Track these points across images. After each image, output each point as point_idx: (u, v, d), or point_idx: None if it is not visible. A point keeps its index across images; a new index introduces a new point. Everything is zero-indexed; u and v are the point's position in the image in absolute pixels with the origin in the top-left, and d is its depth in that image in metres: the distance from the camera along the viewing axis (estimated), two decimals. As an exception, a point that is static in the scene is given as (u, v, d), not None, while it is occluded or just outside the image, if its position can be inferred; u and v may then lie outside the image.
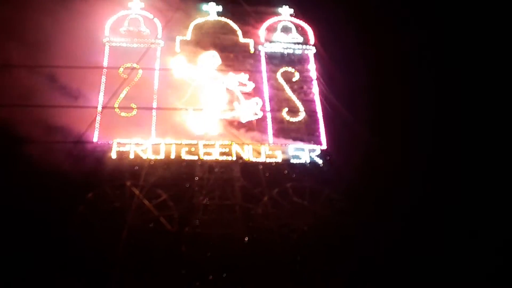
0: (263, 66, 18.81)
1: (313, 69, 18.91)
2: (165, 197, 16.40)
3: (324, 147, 17.64)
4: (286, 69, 18.85)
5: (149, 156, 16.54)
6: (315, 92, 18.50)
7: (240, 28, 19.17)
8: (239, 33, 19.14)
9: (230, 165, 17.04)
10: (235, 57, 18.71)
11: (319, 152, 17.52)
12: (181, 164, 16.78)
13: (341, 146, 17.92)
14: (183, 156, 16.71)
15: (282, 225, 16.54)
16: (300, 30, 19.56)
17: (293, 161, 17.32)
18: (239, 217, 16.53)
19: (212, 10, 19.29)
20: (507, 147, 19.12)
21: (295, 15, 19.84)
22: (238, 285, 15.46)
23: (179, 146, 16.78)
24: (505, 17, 20.78)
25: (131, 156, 16.46)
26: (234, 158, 16.96)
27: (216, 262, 15.69)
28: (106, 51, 17.83)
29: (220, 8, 19.31)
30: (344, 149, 17.86)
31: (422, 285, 16.09)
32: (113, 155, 16.38)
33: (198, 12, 19.16)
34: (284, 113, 18.10)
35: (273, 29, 19.47)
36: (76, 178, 15.72)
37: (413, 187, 17.73)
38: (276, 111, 18.06)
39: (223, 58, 18.48)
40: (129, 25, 18.38)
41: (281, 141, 17.61)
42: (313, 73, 18.83)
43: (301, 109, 18.21)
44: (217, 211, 16.53)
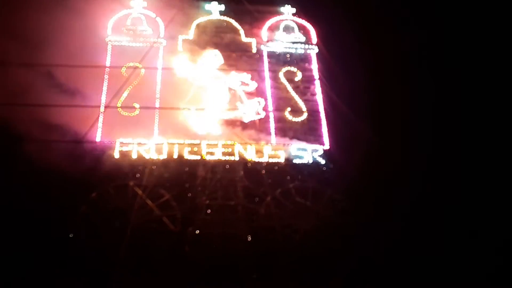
0: (266, 65, 18.77)
1: (315, 68, 18.90)
2: (168, 197, 16.41)
3: (326, 147, 17.63)
4: (288, 68, 18.84)
5: (152, 156, 16.49)
6: (317, 91, 18.50)
7: (242, 27, 19.11)
8: (242, 32, 19.09)
9: (232, 165, 17.04)
10: (237, 57, 18.66)
11: (321, 152, 17.52)
12: (184, 164, 16.75)
13: (343, 145, 17.93)
14: (186, 156, 16.67)
15: (285, 226, 16.59)
16: (302, 29, 19.54)
17: (295, 161, 17.32)
18: (242, 217, 16.58)
19: (214, 9, 19.24)
20: (507, 147, 19.19)
21: (297, 14, 19.81)
22: (241, 285, 15.50)
23: (181, 146, 16.75)
24: (505, 17, 20.84)
25: (134, 156, 16.40)
26: (237, 158, 16.95)
27: (218, 262, 15.70)
28: (108, 50, 17.76)
29: (222, 7, 19.26)
30: (346, 149, 17.87)
31: (422, 285, 16.18)
32: (116, 155, 16.32)
33: (200, 11, 19.09)
34: (286, 112, 18.10)
35: (275, 29, 19.44)
36: (78, 177, 15.69)
37: (413, 187, 17.77)
38: (278, 110, 18.05)
39: (225, 57, 18.41)
40: (131, 24, 18.27)
41: (284, 141, 17.59)
42: (315, 73, 18.82)
43: (304, 108, 18.21)
44: (220, 211, 16.55)
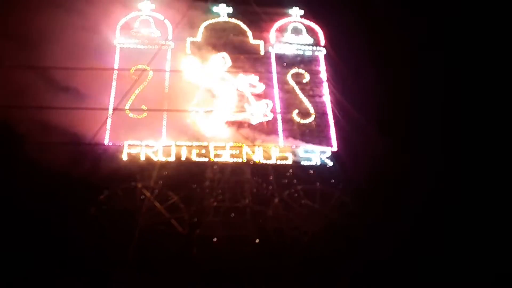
0: (274, 67, 18.75)
1: (323, 70, 18.85)
2: (176, 199, 16.44)
3: (335, 149, 17.57)
4: (296, 70, 18.79)
5: (160, 158, 16.53)
6: (325, 93, 18.45)
7: (250, 29, 19.11)
8: (250, 34, 19.09)
9: (240, 167, 17.03)
10: (245, 59, 18.64)
11: (329, 154, 17.46)
12: (192, 166, 16.77)
13: (351, 147, 17.85)
14: (194, 158, 16.69)
15: (293, 228, 16.56)
16: (310, 31, 19.50)
17: (303, 163, 17.28)
18: (250, 219, 16.57)
19: (222, 11, 19.27)
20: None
21: (306, 16, 19.76)
22: (249, 287, 15.48)
23: (189, 148, 16.79)
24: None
25: (142, 158, 16.47)
26: (244, 160, 16.95)
27: (226, 264, 15.71)
28: (117, 52, 17.84)
29: (230, 9, 19.29)
30: (354, 151, 17.79)
31: (431, 286, 16.04)
32: (124, 157, 16.40)
33: (208, 13, 19.14)
34: (294, 114, 18.06)
35: (283, 31, 19.42)
36: (87, 180, 15.72)
37: (422, 189, 17.61)
38: (286, 113, 18.03)
39: (233, 59, 18.40)
40: (139, 27, 18.36)
41: (292, 143, 17.57)
42: (324, 75, 18.77)
43: (312, 110, 18.16)
44: (228, 213, 16.55)
